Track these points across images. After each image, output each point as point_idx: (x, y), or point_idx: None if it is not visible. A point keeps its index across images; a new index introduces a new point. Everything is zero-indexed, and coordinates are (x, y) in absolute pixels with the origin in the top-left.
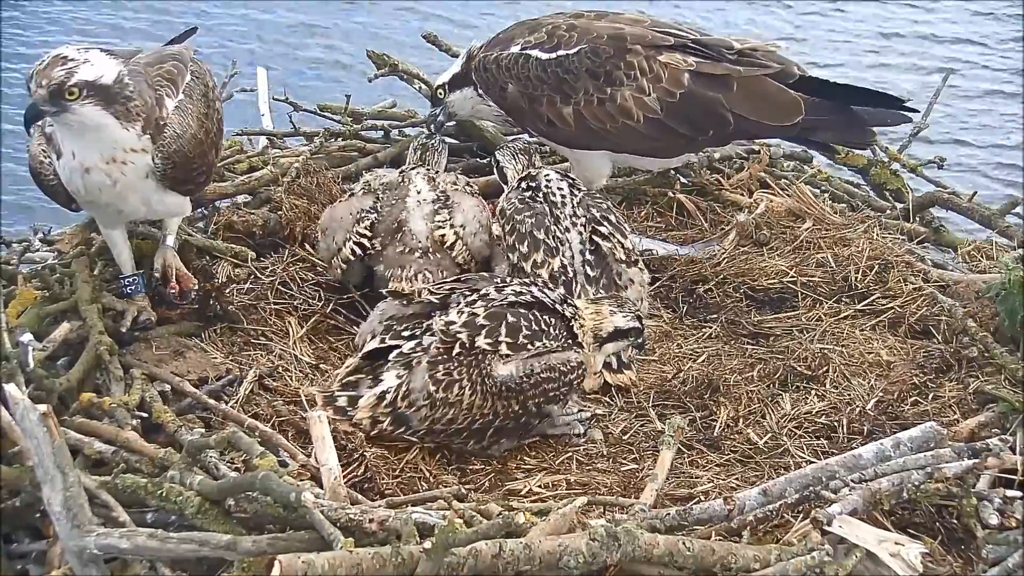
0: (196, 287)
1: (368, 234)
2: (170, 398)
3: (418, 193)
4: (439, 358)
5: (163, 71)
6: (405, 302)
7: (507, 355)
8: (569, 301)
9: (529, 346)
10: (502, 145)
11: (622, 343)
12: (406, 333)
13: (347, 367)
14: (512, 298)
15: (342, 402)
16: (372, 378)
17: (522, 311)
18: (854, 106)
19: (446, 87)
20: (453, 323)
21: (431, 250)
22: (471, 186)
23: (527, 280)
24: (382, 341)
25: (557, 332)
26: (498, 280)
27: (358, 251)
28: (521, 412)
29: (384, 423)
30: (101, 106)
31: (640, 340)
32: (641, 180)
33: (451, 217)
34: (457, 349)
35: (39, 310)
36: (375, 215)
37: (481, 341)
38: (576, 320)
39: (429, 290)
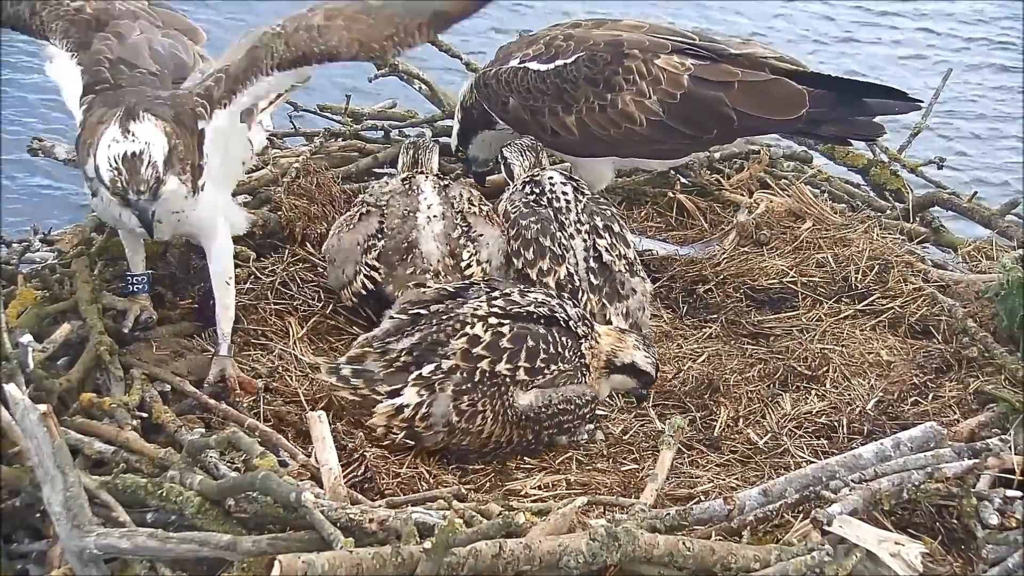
0: (261, 388)
1: (377, 265)
2: (170, 398)
3: (428, 208)
4: (463, 387)
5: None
6: (423, 289)
7: (525, 380)
8: (587, 320)
9: (545, 370)
10: (509, 142)
11: (631, 382)
12: (413, 311)
13: (358, 344)
14: (533, 308)
15: (345, 372)
16: (380, 353)
17: (542, 331)
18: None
19: (459, 148)
20: (479, 340)
21: (442, 273)
22: (485, 204)
23: (549, 292)
24: (391, 319)
25: (571, 354)
26: (521, 285)
27: (370, 285)
28: (533, 440)
29: (398, 436)
30: (171, 171)
31: (644, 392)
32: (641, 180)
33: (477, 252)
34: (478, 376)
35: (39, 310)
36: (383, 240)
37: (501, 367)
38: (588, 340)
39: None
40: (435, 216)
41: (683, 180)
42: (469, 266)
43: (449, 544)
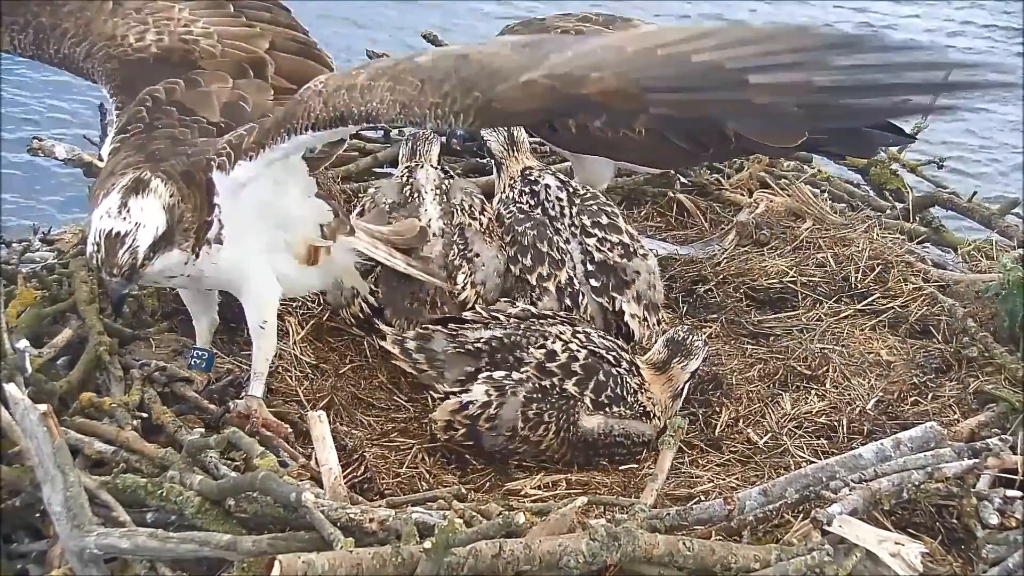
0: (289, 432)
1: (375, 289)
2: (169, 398)
3: (428, 224)
4: (534, 395)
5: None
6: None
7: (590, 407)
8: (636, 369)
9: (609, 407)
10: None
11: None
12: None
13: (429, 323)
14: (611, 354)
15: (410, 345)
16: (451, 336)
17: (613, 372)
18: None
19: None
20: (555, 356)
21: (438, 302)
22: (486, 212)
23: (622, 345)
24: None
25: (632, 400)
26: (602, 330)
27: (367, 310)
28: (583, 462)
29: (458, 432)
30: (166, 250)
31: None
32: (641, 180)
33: (473, 274)
34: (548, 388)
35: (39, 310)
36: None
37: (569, 386)
38: (643, 392)
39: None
40: (435, 234)
41: (683, 180)
42: (464, 288)
43: (449, 544)
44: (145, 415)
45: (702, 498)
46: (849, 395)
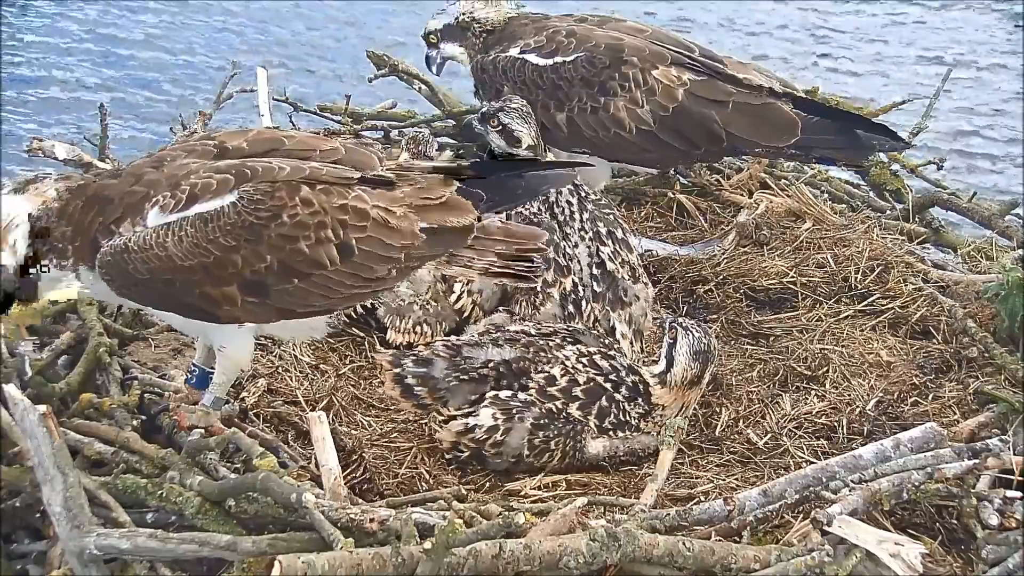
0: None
1: None
2: None
3: None
4: (541, 421)
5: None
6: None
7: (594, 431)
8: (646, 389)
9: (613, 432)
10: (502, 105)
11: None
12: (500, 336)
13: (427, 343)
14: (612, 376)
15: (411, 380)
16: (451, 360)
17: (616, 397)
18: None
19: (439, 33)
20: (555, 381)
21: (430, 300)
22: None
23: (630, 363)
24: (471, 335)
25: (637, 424)
26: (603, 343)
27: (360, 309)
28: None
29: (463, 454)
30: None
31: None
32: (641, 180)
33: (470, 282)
34: (555, 413)
35: (40, 309)
36: None
37: (573, 410)
38: (649, 418)
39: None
40: None
41: (683, 180)
42: (460, 297)
43: (449, 544)
44: (145, 416)
45: (702, 498)
46: (849, 395)
